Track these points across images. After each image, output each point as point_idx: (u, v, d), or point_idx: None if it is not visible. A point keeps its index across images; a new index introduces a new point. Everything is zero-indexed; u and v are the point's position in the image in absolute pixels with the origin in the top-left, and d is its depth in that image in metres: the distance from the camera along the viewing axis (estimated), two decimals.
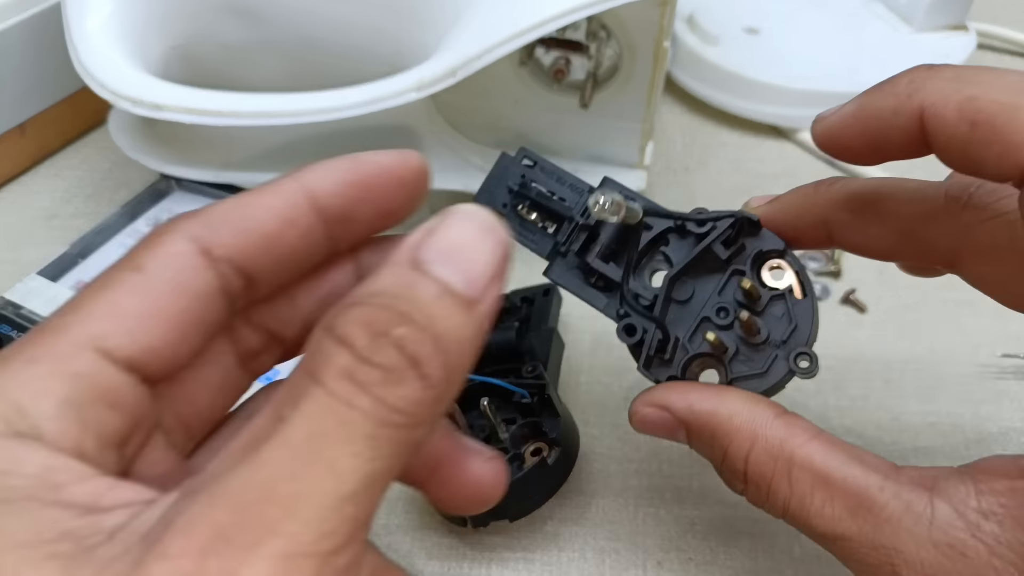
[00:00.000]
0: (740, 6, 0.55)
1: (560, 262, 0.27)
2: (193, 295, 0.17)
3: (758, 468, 0.23)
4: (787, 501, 0.22)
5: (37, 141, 0.49)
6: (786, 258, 0.26)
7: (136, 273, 0.17)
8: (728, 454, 0.23)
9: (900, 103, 0.21)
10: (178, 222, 0.18)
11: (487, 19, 0.35)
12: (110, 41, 0.39)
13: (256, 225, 0.18)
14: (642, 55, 0.40)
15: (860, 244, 0.26)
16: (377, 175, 0.20)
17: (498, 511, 0.28)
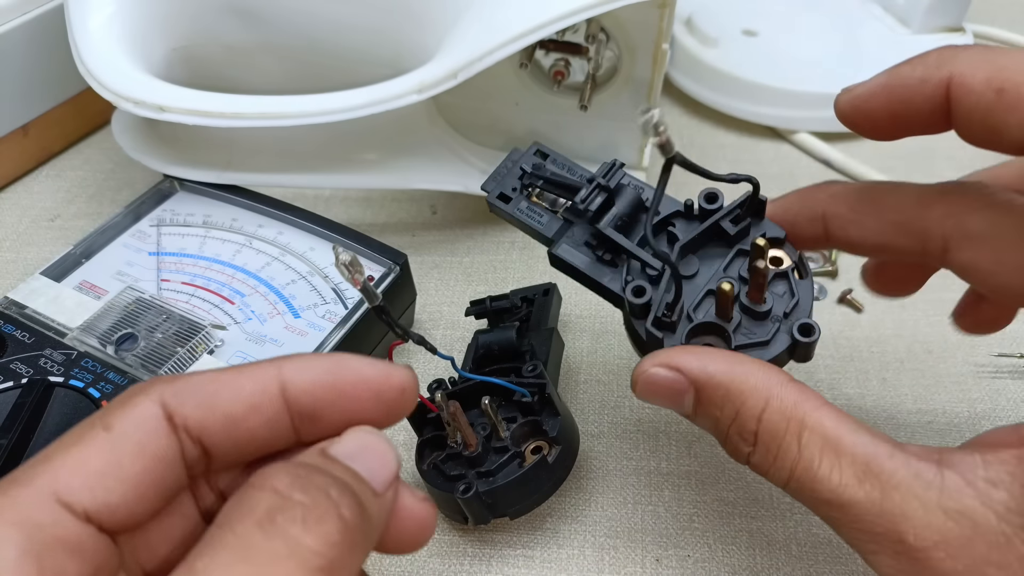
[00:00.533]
0: (738, 9, 0.56)
1: (566, 241, 0.28)
2: (154, 457, 0.18)
3: (771, 427, 0.22)
4: (795, 464, 0.22)
5: (40, 142, 0.49)
6: (784, 248, 0.26)
7: (105, 432, 0.18)
8: (741, 413, 0.23)
9: (928, 72, 0.22)
10: (153, 384, 0.19)
11: (488, 22, 0.35)
12: (112, 43, 0.39)
13: (222, 404, 0.19)
14: (641, 57, 0.40)
15: (856, 238, 0.26)
16: (355, 384, 0.20)
17: (499, 509, 0.29)
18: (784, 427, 0.22)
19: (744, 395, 0.23)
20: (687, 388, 0.23)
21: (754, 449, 0.23)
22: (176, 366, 0.31)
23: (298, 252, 0.37)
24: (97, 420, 0.18)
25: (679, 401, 0.24)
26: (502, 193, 0.29)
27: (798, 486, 0.22)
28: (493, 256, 0.43)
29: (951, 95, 0.22)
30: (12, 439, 0.28)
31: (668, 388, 0.24)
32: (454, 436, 0.29)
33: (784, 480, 0.22)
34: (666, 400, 0.24)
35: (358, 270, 0.23)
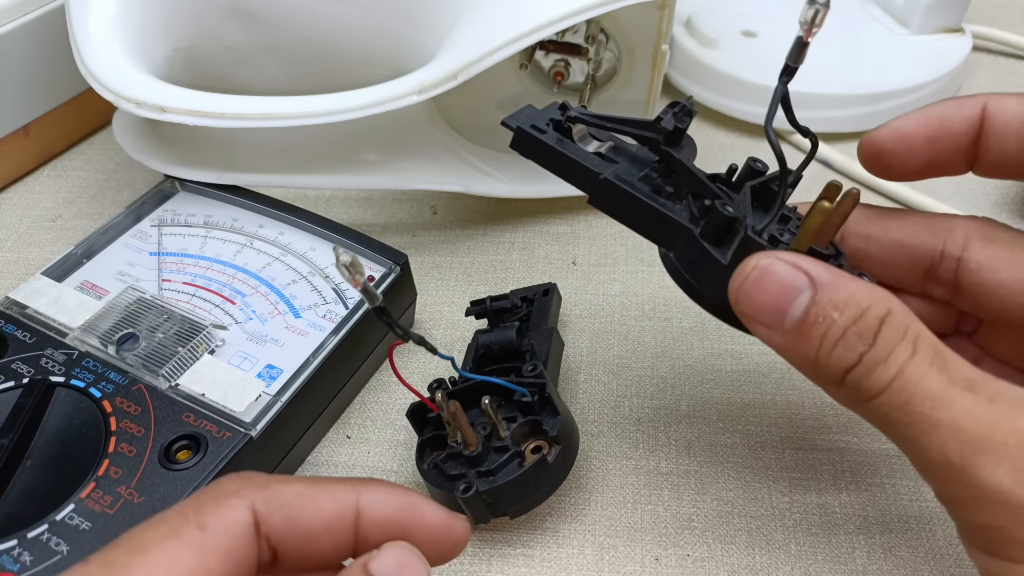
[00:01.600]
0: (738, 10, 0.56)
1: (616, 170, 0.25)
2: (238, 563, 0.20)
3: (893, 328, 0.21)
4: (905, 364, 0.21)
5: (41, 142, 0.49)
6: None
7: (199, 531, 0.19)
8: (867, 314, 0.21)
9: (962, 100, 0.25)
10: (247, 486, 0.20)
11: (487, 23, 0.36)
12: (114, 43, 0.39)
13: (303, 520, 0.21)
14: (641, 58, 0.41)
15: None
16: (420, 530, 0.22)
17: (499, 508, 0.29)
18: (902, 332, 0.21)
19: (871, 299, 0.21)
20: (806, 287, 0.22)
21: (872, 348, 0.21)
22: (177, 366, 0.31)
23: (299, 252, 0.37)
24: (191, 514, 0.19)
25: (790, 300, 0.22)
26: (534, 125, 0.26)
27: (904, 385, 0.21)
28: (493, 256, 0.43)
29: (987, 112, 0.24)
30: (13, 439, 0.28)
31: (784, 284, 0.22)
32: (454, 436, 0.30)
33: (887, 379, 0.21)
34: (773, 299, 0.22)
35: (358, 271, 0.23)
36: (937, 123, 0.25)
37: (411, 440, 0.33)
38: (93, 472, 0.28)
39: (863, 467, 0.33)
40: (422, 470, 0.30)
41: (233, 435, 0.29)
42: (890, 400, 0.21)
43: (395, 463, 0.34)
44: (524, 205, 0.45)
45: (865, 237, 0.27)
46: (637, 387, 0.36)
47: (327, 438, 0.35)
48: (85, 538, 0.26)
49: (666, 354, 0.38)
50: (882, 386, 0.21)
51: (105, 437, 0.29)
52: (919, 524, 0.31)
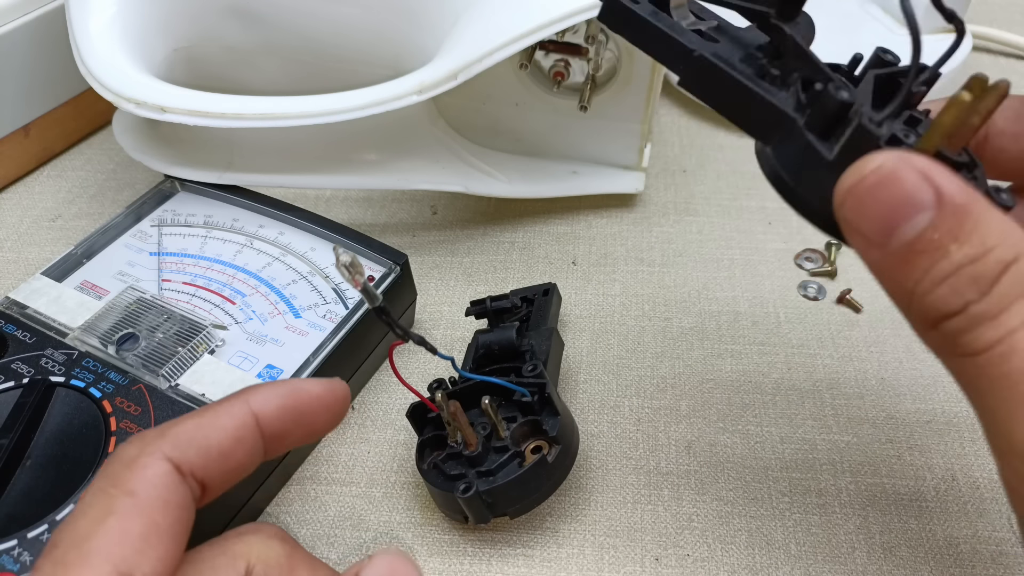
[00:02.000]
0: None
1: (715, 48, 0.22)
2: (178, 507, 0.21)
3: (1016, 278, 0.18)
4: (1019, 327, 0.17)
5: (41, 142, 0.49)
6: None
7: (130, 498, 0.20)
8: (990, 254, 0.18)
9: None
10: (150, 442, 0.21)
11: (487, 23, 0.36)
12: (114, 43, 0.39)
13: (214, 444, 0.22)
14: (640, 58, 0.41)
15: None
16: (309, 402, 0.24)
17: (499, 508, 0.29)
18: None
19: (1001, 238, 0.18)
20: (930, 205, 0.18)
21: (983, 299, 0.18)
22: (177, 366, 0.31)
23: (299, 252, 0.37)
24: (112, 489, 0.20)
25: (907, 215, 0.18)
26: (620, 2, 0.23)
27: (1009, 352, 0.17)
28: (493, 256, 0.43)
29: None
30: (13, 439, 0.28)
31: (906, 195, 0.18)
32: (454, 436, 0.30)
33: (991, 340, 0.18)
34: (887, 210, 0.18)
35: (358, 271, 0.23)
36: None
37: (411, 440, 0.33)
38: (93, 472, 0.28)
39: (863, 467, 0.33)
40: (422, 470, 0.30)
41: None
42: (988, 364, 0.18)
43: (395, 463, 0.34)
44: (524, 205, 0.45)
45: (1015, 136, 0.23)
46: (637, 387, 0.36)
47: (327, 437, 0.35)
48: None
49: (666, 354, 0.38)
50: (983, 346, 0.18)
51: (105, 437, 0.29)
52: (919, 524, 0.31)
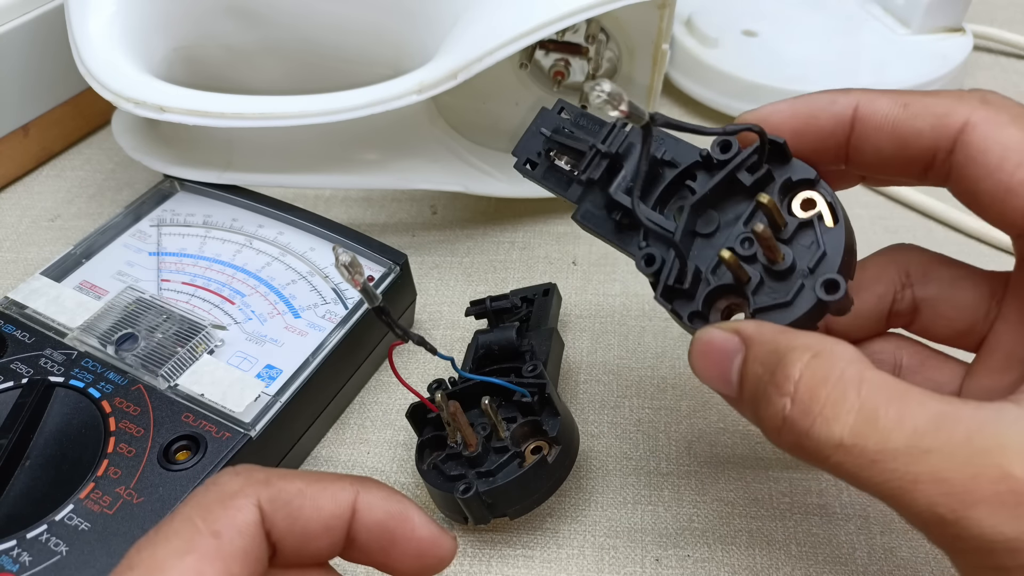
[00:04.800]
0: (738, 9, 0.56)
1: (588, 205, 0.27)
2: (256, 561, 0.20)
3: (818, 373, 0.19)
4: (852, 415, 0.19)
5: (40, 142, 0.49)
6: (818, 189, 0.23)
7: (215, 540, 0.19)
8: (783, 362, 0.20)
9: (835, 95, 0.24)
10: (248, 485, 0.20)
11: (487, 22, 0.35)
12: (113, 43, 0.39)
13: (302, 520, 0.21)
14: (641, 57, 0.40)
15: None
16: (408, 540, 0.22)
17: (499, 509, 0.29)
18: (836, 376, 0.19)
19: (791, 348, 0.20)
20: (739, 347, 0.22)
21: (792, 399, 0.19)
22: (176, 366, 0.31)
23: (298, 252, 0.37)
24: (200, 522, 0.19)
25: (729, 364, 0.22)
26: (528, 159, 0.29)
27: (857, 440, 0.18)
28: (493, 256, 0.43)
29: (858, 114, 0.23)
30: (12, 439, 0.28)
31: (721, 349, 0.22)
32: (454, 436, 0.30)
33: (837, 435, 0.19)
34: (717, 364, 0.22)
35: (358, 271, 0.23)
36: (804, 117, 0.24)
37: (411, 440, 0.33)
38: (92, 472, 0.28)
39: None
40: (422, 471, 0.30)
41: (232, 435, 0.29)
42: (853, 461, 0.19)
43: (395, 463, 0.34)
44: (524, 205, 0.45)
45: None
46: (637, 387, 0.36)
47: (327, 438, 0.35)
48: (84, 538, 0.26)
49: (666, 354, 0.38)
50: (834, 438, 0.19)
51: (104, 437, 0.29)
52: None
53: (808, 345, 0.20)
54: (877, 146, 0.23)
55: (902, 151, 0.23)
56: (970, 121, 0.22)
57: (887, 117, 0.23)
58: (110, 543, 0.26)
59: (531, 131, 0.29)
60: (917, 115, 0.22)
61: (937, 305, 0.26)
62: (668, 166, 0.26)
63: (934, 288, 0.26)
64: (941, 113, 0.22)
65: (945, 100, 0.22)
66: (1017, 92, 0.54)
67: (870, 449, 0.18)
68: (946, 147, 0.22)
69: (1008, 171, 0.21)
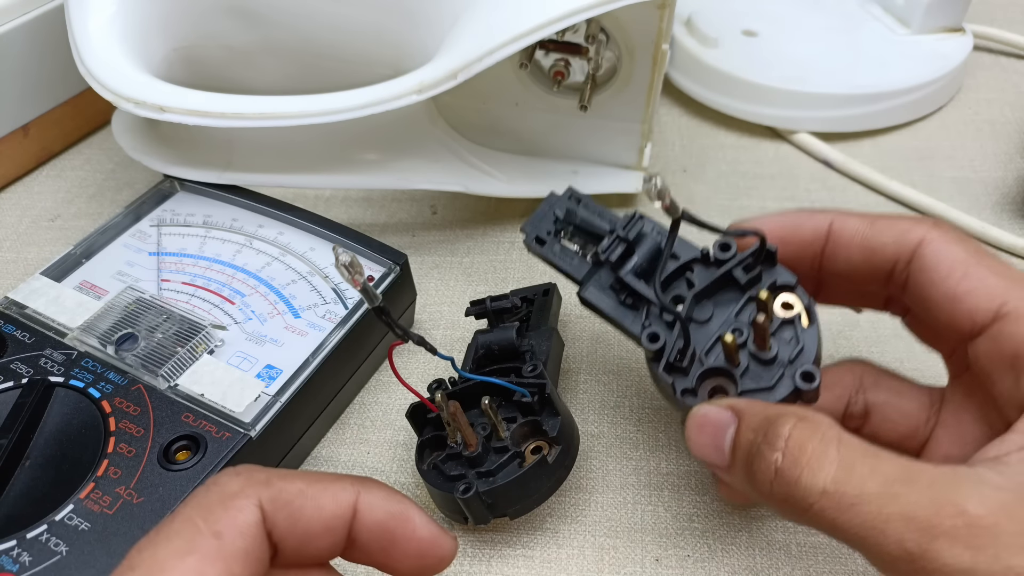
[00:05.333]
0: (738, 9, 0.56)
1: (593, 285, 0.30)
2: (257, 561, 0.20)
3: (805, 432, 0.22)
4: (833, 466, 0.21)
5: (40, 142, 0.49)
6: (796, 292, 0.27)
7: (216, 540, 0.19)
8: (774, 425, 0.23)
9: (814, 213, 0.28)
10: (249, 486, 0.21)
11: (487, 22, 0.35)
12: (113, 43, 0.39)
13: (303, 521, 0.21)
14: (641, 57, 0.40)
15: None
16: (408, 539, 0.22)
17: (499, 509, 0.29)
18: (820, 435, 0.22)
19: (780, 414, 0.23)
20: (731, 420, 0.24)
21: (783, 453, 0.22)
22: (176, 366, 0.31)
23: (298, 252, 0.37)
24: (201, 523, 0.19)
25: (723, 436, 0.24)
26: (538, 236, 0.31)
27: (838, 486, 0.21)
28: (493, 256, 0.43)
29: (832, 228, 0.27)
30: (12, 439, 0.28)
31: (715, 423, 0.25)
32: (454, 436, 0.30)
33: (821, 485, 0.21)
34: (712, 436, 0.25)
35: (358, 271, 0.23)
36: (789, 227, 0.28)
37: (411, 440, 0.33)
38: (92, 472, 0.28)
39: None
40: (422, 471, 0.30)
41: (232, 435, 0.29)
42: (834, 506, 0.21)
43: (395, 463, 0.34)
44: (524, 205, 0.45)
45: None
46: (637, 387, 0.36)
47: (327, 438, 0.35)
48: (84, 538, 0.26)
49: None
50: (817, 487, 0.21)
51: (104, 437, 0.29)
52: None
53: (794, 412, 0.23)
54: (848, 255, 0.27)
55: (869, 260, 0.27)
56: (925, 238, 0.26)
57: (857, 231, 0.27)
58: (110, 543, 0.26)
59: (542, 211, 0.32)
60: (882, 231, 0.27)
61: (885, 410, 0.29)
62: (671, 258, 0.29)
63: (883, 395, 0.29)
64: (903, 230, 0.26)
65: (905, 221, 0.27)
66: (1017, 92, 0.54)
67: (849, 494, 0.21)
68: (906, 258, 0.26)
69: (954, 280, 0.25)
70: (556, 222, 0.31)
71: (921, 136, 0.51)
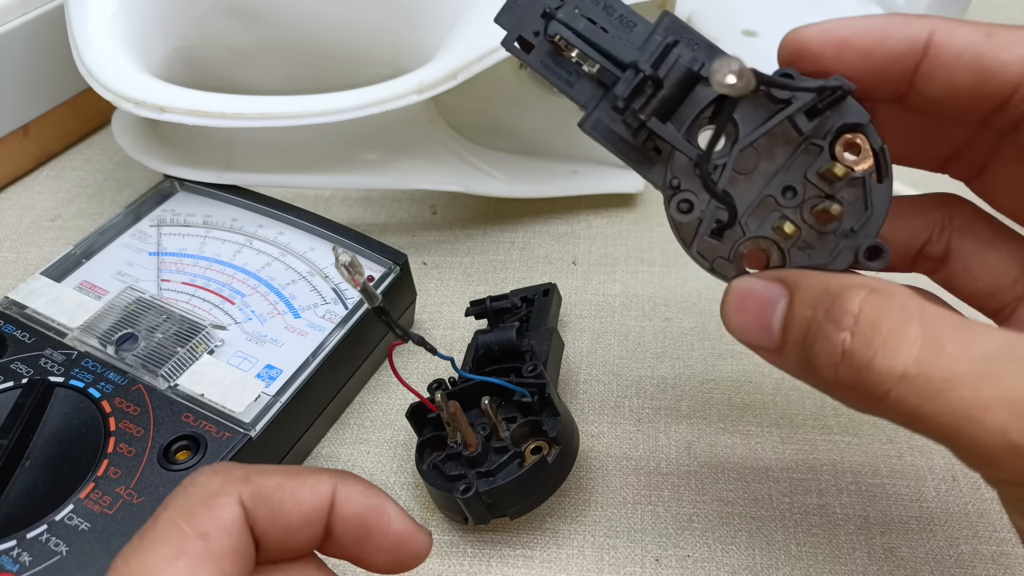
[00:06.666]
0: (738, 9, 0.56)
1: (599, 114, 0.22)
2: (245, 556, 0.20)
3: (878, 306, 0.19)
4: (915, 345, 0.18)
5: (40, 142, 0.49)
6: (867, 132, 0.22)
7: (203, 541, 0.19)
8: (839, 299, 0.19)
9: (909, 18, 0.22)
10: (232, 481, 0.20)
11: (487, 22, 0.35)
12: (113, 43, 0.39)
13: (283, 515, 0.21)
14: None
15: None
16: (383, 533, 0.22)
17: (499, 509, 0.29)
18: (897, 309, 0.18)
19: (846, 286, 0.20)
20: (781, 295, 0.21)
21: (852, 332, 0.19)
22: (176, 366, 0.31)
23: (298, 252, 0.37)
24: (185, 525, 0.19)
25: (771, 313, 0.21)
26: (521, 36, 0.23)
27: (922, 368, 0.18)
28: (493, 256, 0.43)
29: (934, 39, 0.21)
30: (12, 439, 0.28)
31: (761, 298, 0.21)
32: (454, 436, 0.30)
33: (901, 364, 0.18)
34: (757, 313, 0.21)
35: (358, 271, 0.23)
36: (877, 35, 0.22)
37: (411, 440, 0.33)
38: (92, 472, 0.28)
39: (863, 467, 0.33)
40: (422, 471, 0.30)
41: (232, 435, 0.29)
42: (916, 392, 0.18)
43: (395, 463, 0.34)
44: (524, 205, 0.45)
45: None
46: (637, 387, 0.36)
47: (327, 438, 0.35)
48: (84, 538, 0.26)
49: (666, 354, 0.38)
50: (898, 367, 0.18)
51: (104, 437, 0.29)
52: (919, 525, 0.31)
53: (863, 283, 0.19)
54: (951, 76, 0.21)
55: (979, 84, 0.21)
56: None
57: (969, 44, 0.21)
58: (110, 543, 0.26)
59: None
60: (1004, 46, 0.21)
61: (967, 259, 0.25)
62: (703, 82, 0.22)
63: (971, 242, 0.25)
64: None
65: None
66: None
67: (936, 377, 0.18)
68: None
69: None
70: (547, 18, 0.22)
71: None
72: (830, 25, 0.22)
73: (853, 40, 0.22)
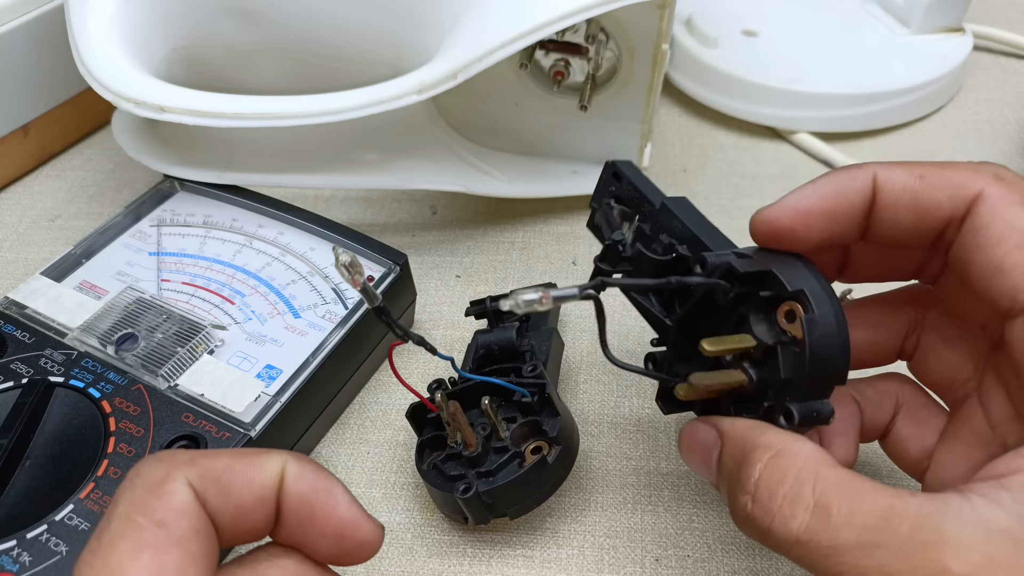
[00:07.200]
0: (738, 9, 0.56)
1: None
2: (207, 535, 0.20)
3: (776, 473, 0.21)
4: (807, 513, 0.20)
5: (40, 142, 0.49)
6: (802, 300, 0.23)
7: (162, 530, 0.19)
8: (746, 459, 0.22)
9: (852, 171, 0.25)
10: (177, 466, 0.20)
11: (487, 22, 0.35)
12: (113, 43, 0.39)
13: (235, 495, 0.20)
14: (641, 57, 0.40)
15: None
16: (327, 516, 0.21)
17: (499, 509, 0.29)
18: (794, 474, 0.21)
19: (755, 447, 0.22)
20: (716, 443, 0.24)
21: (752, 498, 0.21)
22: (176, 366, 0.31)
23: (298, 252, 0.37)
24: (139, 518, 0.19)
25: (710, 455, 0.24)
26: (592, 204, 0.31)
27: (811, 535, 0.20)
28: (493, 256, 0.43)
29: (878, 185, 0.24)
30: (12, 439, 0.28)
31: (702, 441, 0.24)
32: (454, 436, 0.30)
33: (794, 532, 0.20)
34: (700, 455, 0.24)
35: (358, 271, 0.23)
36: (833, 197, 0.24)
37: (411, 440, 0.33)
38: (92, 472, 0.28)
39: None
40: (422, 471, 0.30)
41: (232, 435, 0.29)
42: (809, 555, 0.20)
43: (395, 463, 0.34)
44: (524, 205, 0.45)
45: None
46: (637, 387, 0.36)
47: (327, 438, 0.35)
48: (84, 539, 0.26)
49: None
50: (791, 534, 0.20)
51: (104, 437, 0.29)
52: None
53: (770, 444, 0.22)
54: (895, 217, 0.24)
55: (920, 221, 0.24)
56: (984, 193, 0.22)
57: (905, 188, 0.24)
58: None
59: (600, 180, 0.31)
60: (935, 186, 0.23)
61: (928, 354, 0.28)
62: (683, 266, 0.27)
63: (936, 338, 0.27)
64: (959, 184, 0.23)
65: (962, 171, 0.23)
66: (1017, 92, 0.54)
67: (823, 544, 0.20)
68: (960, 216, 0.23)
69: (1003, 250, 0.22)
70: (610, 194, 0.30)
71: (921, 136, 0.51)
72: (790, 200, 0.25)
73: (815, 208, 0.24)
